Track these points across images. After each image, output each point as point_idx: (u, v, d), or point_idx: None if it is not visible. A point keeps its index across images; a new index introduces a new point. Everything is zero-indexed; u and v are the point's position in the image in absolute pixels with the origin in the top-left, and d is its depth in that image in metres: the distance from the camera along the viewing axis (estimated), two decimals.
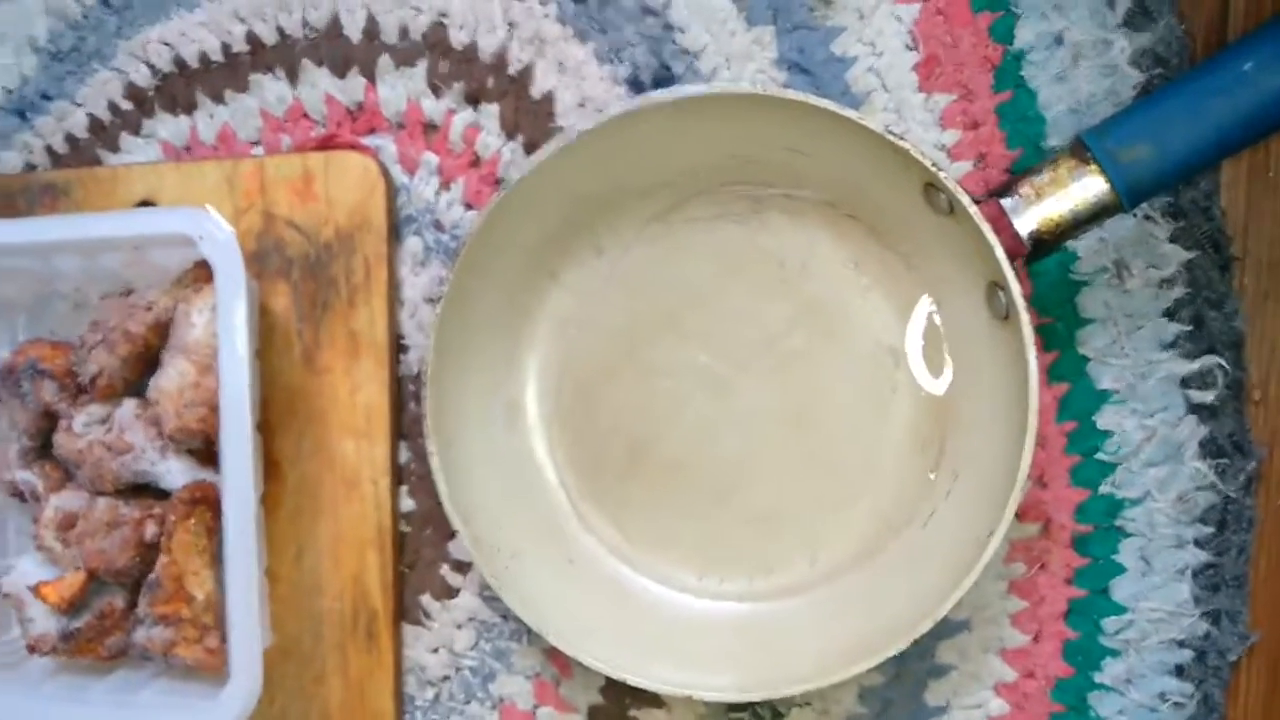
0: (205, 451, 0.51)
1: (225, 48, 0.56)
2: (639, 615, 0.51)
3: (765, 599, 0.51)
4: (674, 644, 0.50)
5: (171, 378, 0.49)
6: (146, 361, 0.51)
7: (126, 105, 0.57)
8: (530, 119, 0.54)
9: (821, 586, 0.51)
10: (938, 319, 0.50)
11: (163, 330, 0.51)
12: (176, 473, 0.50)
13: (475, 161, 0.54)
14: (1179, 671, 0.49)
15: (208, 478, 0.51)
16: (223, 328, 0.48)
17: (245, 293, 0.48)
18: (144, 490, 0.52)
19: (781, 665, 0.48)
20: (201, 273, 0.52)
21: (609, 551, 0.52)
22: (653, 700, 0.52)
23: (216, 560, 0.50)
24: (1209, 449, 0.49)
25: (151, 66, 0.57)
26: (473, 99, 0.54)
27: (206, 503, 0.50)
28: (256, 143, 0.56)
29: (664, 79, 0.53)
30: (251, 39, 0.56)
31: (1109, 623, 0.50)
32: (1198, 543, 0.49)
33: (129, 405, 0.51)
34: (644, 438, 0.52)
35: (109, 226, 0.50)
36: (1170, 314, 0.49)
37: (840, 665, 0.46)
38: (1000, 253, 0.45)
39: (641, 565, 0.52)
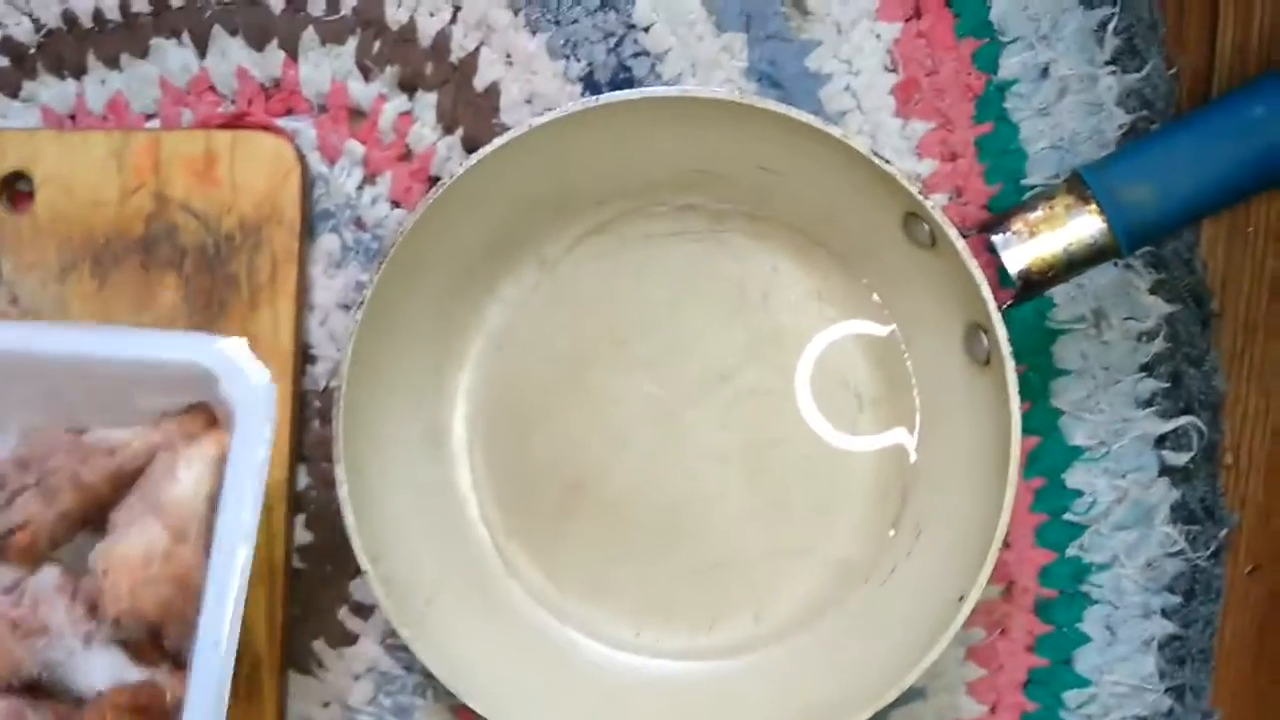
0: (145, 644, 0.40)
1: (124, 6, 0.49)
2: (565, 673, 0.45)
3: (707, 658, 0.46)
4: (603, 707, 0.45)
5: (134, 544, 0.38)
6: (87, 520, 0.41)
7: (1, 62, 0.50)
8: (471, 112, 0.48)
9: (768, 646, 0.46)
10: (908, 361, 0.47)
11: (121, 483, 0.40)
12: (100, 669, 0.39)
13: (406, 155, 0.49)
14: None
15: (144, 678, 0.39)
16: (231, 496, 0.37)
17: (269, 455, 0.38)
18: (43, 688, 0.39)
19: None
20: (198, 419, 0.41)
21: (535, 600, 0.47)
22: None
23: None
24: (1180, 514, 0.47)
25: (35, 20, 0.49)
26: (407, 86, 0.49)
27: (149, 715, 0.38)
28: (153, 115, 0.49)
29: (622, 81, 0.48)
30: None
31: (1070, 696, 0.47)
32: (1164, 613, 0.47)
33: (49, 573, 0.40)
34: (580, 473, 0.47)
35: (91, 344, 0.39)
36: (1148, 369, 0.47)
37: None
38: (986, 291, 0.41)
39: (571, 616, 0.47)
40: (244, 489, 0.37)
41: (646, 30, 0.48)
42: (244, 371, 0.38)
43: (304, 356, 0.48)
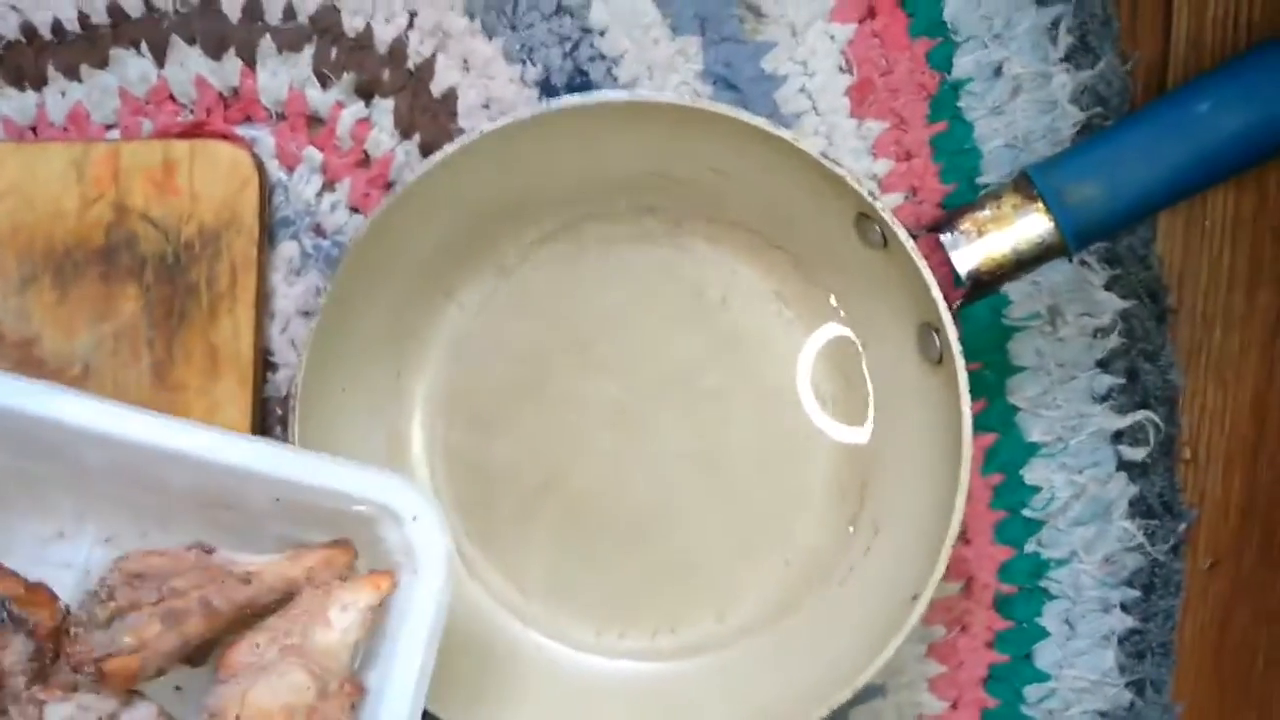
0: None
1: (83, 18, 0.49)
2: (528, 676, 0.46)
3: (669, 658, 0.46)
4: (565, 709, 0.45)
5: (276, 692, 0.34)
6: (199, 652, 0.36)
7: None
8: (428, 118, 0.49)
9: (730, 646, 0.46)
10: (864, 360, 0.47)
11: (247, 616, 0.36)
12: None
13: (364, 161, 0.49)
14: None
15: None
16: (403, 660, 0.34)
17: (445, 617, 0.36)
18: None
19: None
20: (345, 555, 0.38)
21: (497, 602, 0.47)
22: None
23: None
24: (1138, 509, 0.47)
25: None
26: (365, 92, 0.49)
27: None
28: (112, 125, 0.50)
29: (579, 85, 0.48)
30: (114, 10, 0.49)
31: (1031, 691, 0.47)
32: (1124, 607, 0.47)
33: (144, 712, 0.35)
34: (542, 477, 0.47)
35: (272, 463, 0.36)
36: (1104, 365, 0.47)
37: None
38: (936, 291, 0.42)
39: (533, 618, 0.47)
40: (416, 653, 0.34)
41: (602, 34, 0.48)
42: (432, 518, 0.36)
43: (265, 364, 0.49)
